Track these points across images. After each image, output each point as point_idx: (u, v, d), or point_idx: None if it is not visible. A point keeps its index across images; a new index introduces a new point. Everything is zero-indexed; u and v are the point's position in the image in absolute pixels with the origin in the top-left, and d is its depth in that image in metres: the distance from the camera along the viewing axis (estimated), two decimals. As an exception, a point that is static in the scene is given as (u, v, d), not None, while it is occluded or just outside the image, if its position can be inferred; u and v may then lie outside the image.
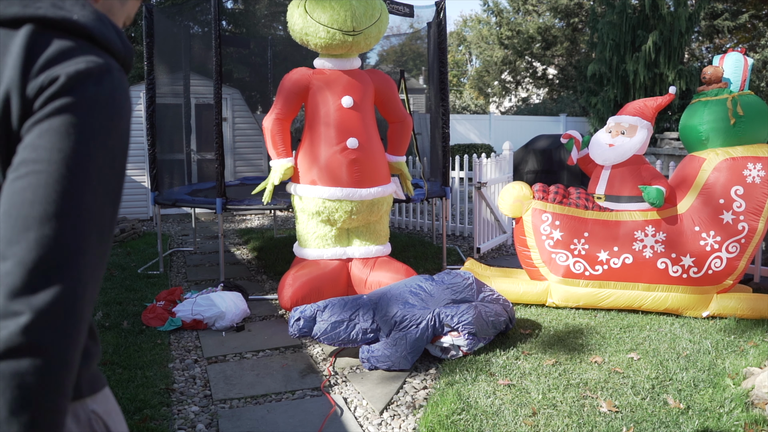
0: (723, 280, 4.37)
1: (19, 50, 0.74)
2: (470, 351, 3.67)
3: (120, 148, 0.79)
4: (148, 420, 2.87)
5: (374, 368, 3.54)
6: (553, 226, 4.59)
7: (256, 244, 7.32)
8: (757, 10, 17.02)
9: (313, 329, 3.64)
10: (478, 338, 3.67)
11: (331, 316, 3.62)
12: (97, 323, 4.29)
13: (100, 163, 0.75)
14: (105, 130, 0.76)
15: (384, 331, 3.62)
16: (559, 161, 9.64)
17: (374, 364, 3.53)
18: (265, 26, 13.43)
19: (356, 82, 4.63)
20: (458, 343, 3.64)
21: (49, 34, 0.76)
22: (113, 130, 0.77)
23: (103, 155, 0.76)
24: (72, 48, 0.76)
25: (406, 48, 11.71)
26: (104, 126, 0.76)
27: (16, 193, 0.71)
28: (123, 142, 0.80)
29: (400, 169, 5.12)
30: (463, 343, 3.63)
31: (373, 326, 3.63)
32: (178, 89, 7.07)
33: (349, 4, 4.43)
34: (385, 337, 3.61)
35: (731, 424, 2.82)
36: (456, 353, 3.66)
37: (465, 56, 31.22)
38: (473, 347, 3.66)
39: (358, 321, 3.63)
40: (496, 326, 3.82)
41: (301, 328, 3.64)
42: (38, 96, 0.73)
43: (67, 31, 0.77)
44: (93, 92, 0.75)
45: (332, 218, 4.58)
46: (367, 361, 3.56)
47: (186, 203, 5.64)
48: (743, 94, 4.46)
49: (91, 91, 0.75)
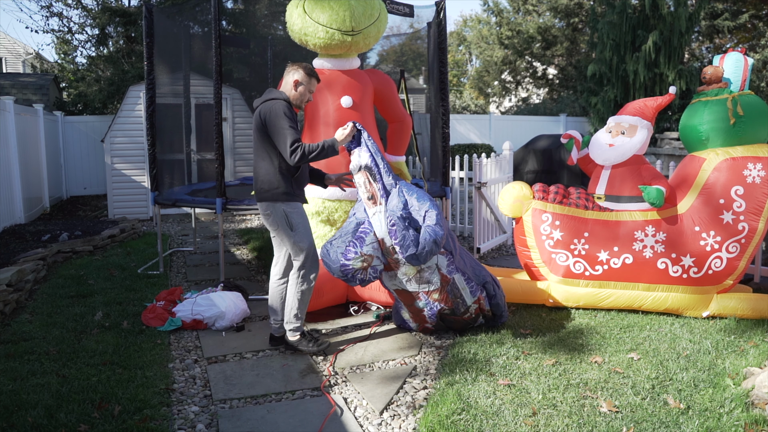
0: (723, 280, 4.37)
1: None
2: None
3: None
4: (148, 420, 2.87)
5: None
6: (553, 226, 4.59)
7: (256, 244, 7.32)
8: (757, 10, 17.01)
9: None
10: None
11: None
12: (97, 323, 4.29)
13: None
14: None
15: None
16: (559, 161, 9.63)
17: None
18: (265, 26, 13.43)
19: (355, 82, 4.62)
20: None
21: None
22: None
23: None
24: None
25: (406, 48, 11.70)
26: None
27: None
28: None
29: (400, 169, 5.12)
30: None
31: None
32: (178, 89, 7.06)
33: (348, 4, 4.43)
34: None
35: (731, 424, 2.82)
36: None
37: (465, 56, 31.22)
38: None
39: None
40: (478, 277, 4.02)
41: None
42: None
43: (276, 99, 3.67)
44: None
45: (332, 218, 4.57)
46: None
47: (186, 203, 5.64)
48: (743, 94, 4.46)
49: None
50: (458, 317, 4.02)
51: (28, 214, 8.61)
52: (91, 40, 14.51)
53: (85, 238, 6.96)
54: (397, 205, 3.72)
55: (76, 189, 11.75)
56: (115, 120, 9.42)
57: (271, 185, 3.64)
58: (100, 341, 3.92)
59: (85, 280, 5.53)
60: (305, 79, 3.70)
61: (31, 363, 3.55)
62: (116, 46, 13.97)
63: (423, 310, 3.96)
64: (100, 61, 14.40)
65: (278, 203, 3.65)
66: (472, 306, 4.00)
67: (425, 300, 3.92)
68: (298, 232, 3.68)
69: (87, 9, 14.03)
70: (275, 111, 3.56)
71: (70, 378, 3.33)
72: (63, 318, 4.40)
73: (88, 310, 4.61)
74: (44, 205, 9.88)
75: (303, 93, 3.72)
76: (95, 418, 2.87)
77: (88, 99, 13.43)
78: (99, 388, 3.20)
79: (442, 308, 3.93)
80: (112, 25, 13.41)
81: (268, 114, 3.57)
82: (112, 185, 9.46)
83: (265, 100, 3.66)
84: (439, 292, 3.87)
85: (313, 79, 3.74)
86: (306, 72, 3.70)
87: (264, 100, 3.67)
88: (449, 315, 4.00)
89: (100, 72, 14.45)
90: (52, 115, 10.92)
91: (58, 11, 14.27)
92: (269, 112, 3.57)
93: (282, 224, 3.67)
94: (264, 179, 3.67)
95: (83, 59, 15.74)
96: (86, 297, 4.98)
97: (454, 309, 3.95)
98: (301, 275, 3.74)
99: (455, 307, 3.94)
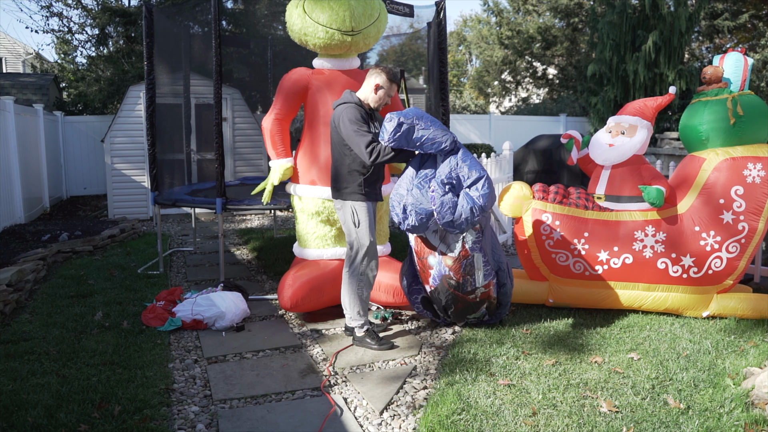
0: (723, 280, 4.37)
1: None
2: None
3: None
4: (148, 420, 2.87)
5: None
6: (553, 226, 4.59)
7: (256, 244, 7.32)
8: (757, 10, 17.00)
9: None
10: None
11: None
12: (97, 323, 4.29)
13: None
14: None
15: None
16: (559, 161, 9.63)
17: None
18: (265, 26, 13.43)
19: (355, 82, 4.62)
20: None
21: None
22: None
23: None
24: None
25: (406, 48, 11.70)
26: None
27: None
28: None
29: (400, 169, 5.12)
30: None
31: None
32: (178, 89, 7.06)
33: (348, 4, 4.43)
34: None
35: (731, 424, 2.82)
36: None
37: (465, 56, 31.21)
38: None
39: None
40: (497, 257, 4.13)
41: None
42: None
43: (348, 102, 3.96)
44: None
45: (332, 218, 4.58)
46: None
47: (186, 203, 5.64)
48: (743, 94, 4.46)
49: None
50: (463, 295, 4.00)
51: (28, 214, 8.61)
52: (91, 40, 14.52)
53: (85, 238, 6.96)
54: (443, 169, 3.81)
55: (76, 189, 11.75)
56: (115, 120, 9.42)
57: (343, 183, 3.92)
58: (100, 341, 3.92)
59: (85, 280, 5.53)
60: (386, 84, 3.92)
61: (31, 363, 3.55)
62: (116, 46, 13.97)
63: (432, 268, 4.00)
64: (100, 61, 14.40)
65: (348, 200, 3.91)
66: (480, 289, 4.00)
67: (438, 261, 3.96)
68: (362, 228, 3.90)
69: (87, 9, 14.03)
70: (344, 117, 3.82)
71: (70, 378, 3.33)
72: (63, 318, 4.40)
73: (88, 310, 4.61)
74: (44, 205, 9.88)
75: (382, 97, 3.95)
76: (95, 418, 2.87)
77: (88, 99, 13.44)
78: (99, 388, 3.20)
79: (449, 277, 3.94)
80: (112, 25, 13.42)
81: (339, 119, 3.86)
82: (112, 185, 9.46)
83: (340, 103, 3.90)
84: (454, 261, 3.91)
85: (394, 85, 3.96)
86: (388, 77, 3.90)
87: (339, 103, 3.92)
88: (454, 289, 3.97)
89: (100, 72, 14.45)
90: (52, 115, 10.92)
91: (58, 11, 14.28)
92: (340, 118, 3.85)
93: (348, 219, 3.92)
94: (337, 177, 3.96)
95: (83, 59, 15.76)
96: (86, 297, 4.98)
97: (462, 284, 3.95)
98: (360, 271, 3.94)
99: (463, 283, 3.95)
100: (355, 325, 4.01)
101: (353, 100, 3.89)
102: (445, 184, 3.75)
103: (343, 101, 3.91)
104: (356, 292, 3.97)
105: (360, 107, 3.87)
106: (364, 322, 3.99)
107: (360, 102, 3.91)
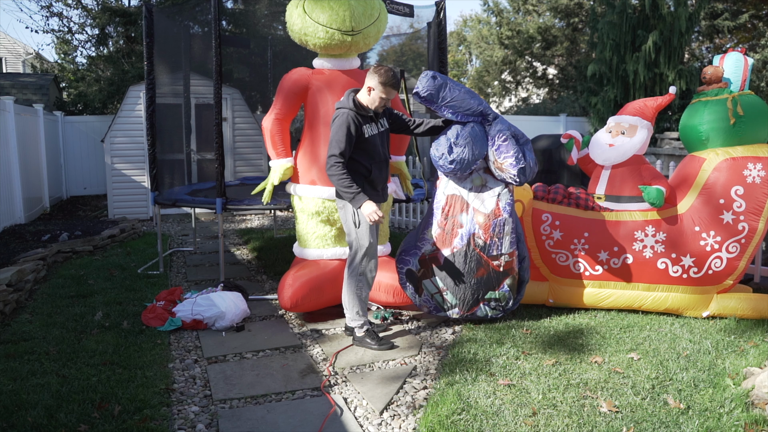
0: (723, 280, 4.37)
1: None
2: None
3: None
4: (148, 420, 2.87)
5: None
6: (553, 226, 4.59)
7: (256, 244, 7.32)
8: (757, 10, 17.00)
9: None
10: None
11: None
12: (97, 323, 4.29)
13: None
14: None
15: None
16: (559, 161, 9.62)
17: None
18: (265, 26, 13.42)
19: (355, 82, 4.62)
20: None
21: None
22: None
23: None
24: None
25: (406, 48, 11.70)
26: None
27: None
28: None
29: (400, 169, 5.12)
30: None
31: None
32: (178, 89, 7.06)
33: (348, 4, 4.43)
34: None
35: (731, 424, 2.82)
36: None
37: (465, 56, 31.20)
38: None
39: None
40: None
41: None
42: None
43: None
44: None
45: (332, 218, 4.57)
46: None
47: (186, 203, 5.64)
48: (743, 94, 4.46)
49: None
50: (488, 258, 4.10)
51: (28, 214, 8.61)
52: (91, 40, 14.51)
53: (85, 238, 6.96)
54: (501, 125, 4.05)
55: (76, 189, 11.75)
56: (115, 120, 9.41)
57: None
58: (100, 341, 3.92)
59: (85, 280, 5.53)
60: (378, 86, 3.84)
61: (31, 363, 3.55)
62: (116, 46, 13.96)
63: (462, 226, 4.09)
64: (100, 61, 14.40)
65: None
66: (505, 256, 4.11)
67: (470, 218, 4.07)
68: (362, 228, 3.89)
69: (87, 9, 14.03)
70: (336, 121, 3.83)
71: (70, 378, 3.33)
72: (63, 318, 4.40)
73: (88, 310, 4.61)
74: (44, 205, 9.88)
75: (374, 99, 3.87)
76: (95, 418, 2.87)
77: (88, 99, 13.44)
78: (99, 388, 3.20)
79: (477, 236, 4.06)
80: (112, 25, 13.41)
81: (333, 121, 3.86)
82: (112, 185, 9.46)
83: (339, 106, 3.89)
84: (485, 218, 4.04)
85: (388, 88, 3.84)
86: (380, 80, 3.80)
87: (339, 106, 3.90)
88: (480, 249, 4.08)
89: (100, 72, 14.45)
90: (52, 115, 10.92)
91: (58, 11, 14.27)
92: (333, 120, 3.85)
93: (349, 219, 3.91)
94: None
95: (83, 59, 15.75)
96: (86, 297, 4.98)
97: (489, 245, 4.08)
98: (359, 271, 3.95)
99: (491, 243, 4.08)
100: (354, 325, 4.01)
101: (348, 105, 3.84)
102: (513, 135, 3.99)
103: (341, 106, 3.88)
104: (355, 292, 3.97)
105: (356, 113, 3.81)
106: (363, 322, 3.99)
107: (357, 106, 3.84)
